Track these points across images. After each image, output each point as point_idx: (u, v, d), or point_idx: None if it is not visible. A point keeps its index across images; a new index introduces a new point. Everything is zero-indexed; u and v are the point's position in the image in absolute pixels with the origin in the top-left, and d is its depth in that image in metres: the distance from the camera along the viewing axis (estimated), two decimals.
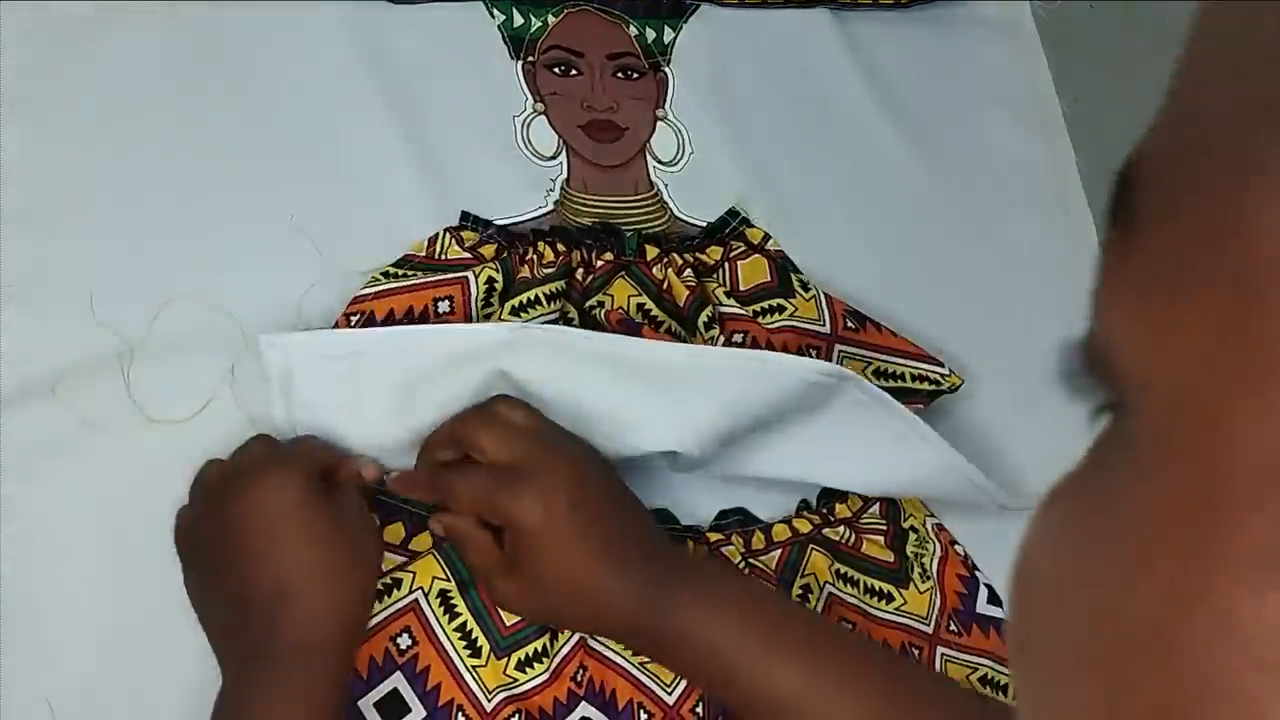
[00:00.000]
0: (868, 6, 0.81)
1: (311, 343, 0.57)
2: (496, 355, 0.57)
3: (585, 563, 0.52)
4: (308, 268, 0.62)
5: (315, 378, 0.56)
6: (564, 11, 0.74)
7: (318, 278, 0.62)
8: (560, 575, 0.52)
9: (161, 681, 0.54)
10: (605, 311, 0.65)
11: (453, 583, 0.57)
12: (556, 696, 0.57)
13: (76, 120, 0.62)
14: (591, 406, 0.58)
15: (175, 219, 0.61)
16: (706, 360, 0.58)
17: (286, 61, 0.66)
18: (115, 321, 0.58)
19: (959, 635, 0.65)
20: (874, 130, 0.78)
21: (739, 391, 0.58)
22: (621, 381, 0.58)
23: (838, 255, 0.72)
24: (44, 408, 0.56)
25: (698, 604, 0.51)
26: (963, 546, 0.67)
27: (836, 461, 0.62)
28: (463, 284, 0.62)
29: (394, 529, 0.58)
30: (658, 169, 0.72)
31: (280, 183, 0.64)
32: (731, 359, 0.59)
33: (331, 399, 0.57)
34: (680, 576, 0.53)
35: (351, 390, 0.56)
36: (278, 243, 0.62)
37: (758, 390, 0.58)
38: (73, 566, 0.54)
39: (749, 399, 0.58)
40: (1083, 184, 0.82)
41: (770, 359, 0.58)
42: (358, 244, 0.63)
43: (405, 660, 0.56)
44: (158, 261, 0.60)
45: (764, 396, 0.58)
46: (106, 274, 0.59)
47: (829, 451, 0.62)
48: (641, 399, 0.58)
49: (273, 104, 0.65)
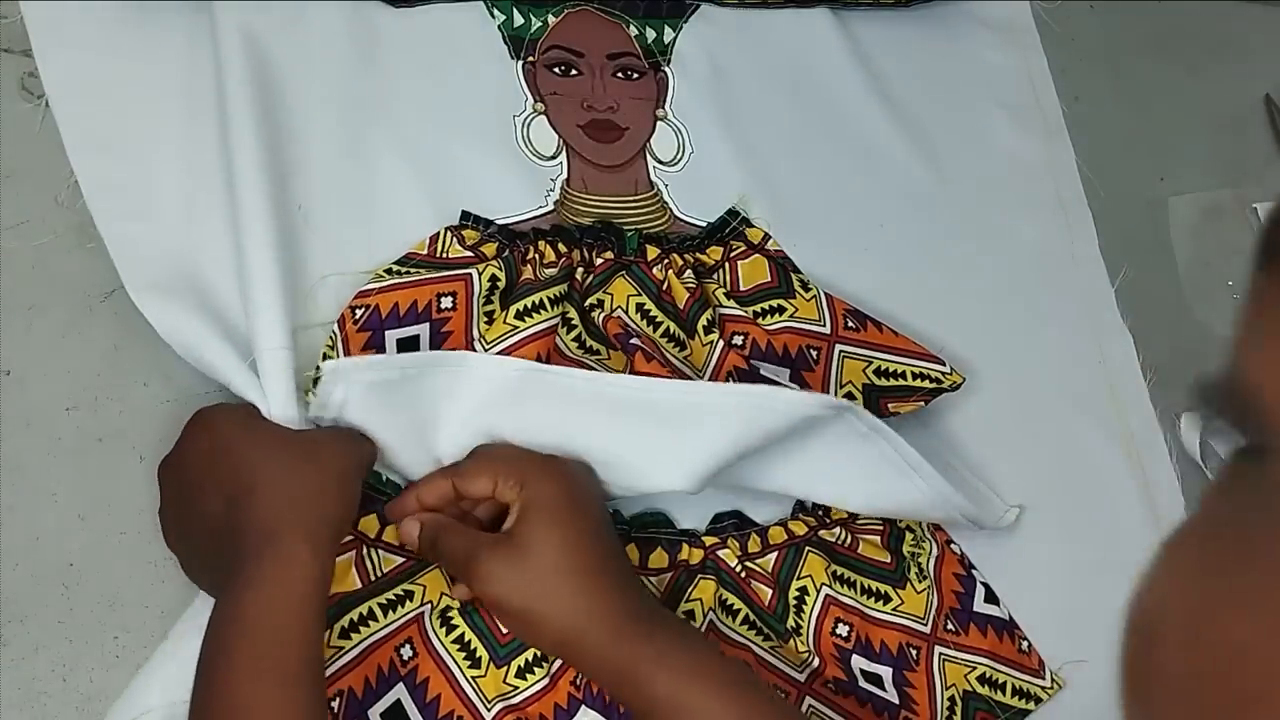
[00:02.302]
0: (868, 6, 0.81)
1: (366, 366, 0.56)
2: (501, 397, 0.57)
3: (579, 545, 0.54)
4: (312, 259, 0.62)
5: (364, 405, 0.56)
6: (564, 11, 0.74)
7: (322, 269, 0.62)
8: (557, 550, 0.53)
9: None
10: (603, 317, 0.65)
11: (455, 600, 0.58)
12: (557, 702, 0.57)
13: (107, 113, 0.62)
14: (587, 448, 0.58)
15: (176, 217, 0.62)
16: (705, 398, 0.58)
17: (285, 62, 0.66)
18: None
19: (957, 634, 0.65)
20: (874, 130, 0.78)
21: (738, 429, 0.58)
22: (620, 423, 0.58)
23: (838, 255, 0.73)
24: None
25: (666, 661, 0.52)
26: (959, 545, 0.67)
27: (832, 484, 0.62)
28: (466, 281, 0.62)
29: (395, 532, 0.58)
30: (658, 169, 0.72)
31: (279, 183, 0.63)
32: (730, 395, 0.58)
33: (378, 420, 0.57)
34: (656, 617, 0.55)
35: (392, 414, 0.57)
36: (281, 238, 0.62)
37: (757, 425, 0.58)
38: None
39: (747, 435, 0.58)
40: (1083, 184, 0.82)
41: (768, 398, 0.58)
42: (358, 245, 0.63)
43: (407, 671, 0.56)
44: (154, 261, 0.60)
45: (763, 430, 0.58)
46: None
47: (825, 472, 0.62)
48: (640, 440, 0.58)
49: (271, 105, 0.65)
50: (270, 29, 0.66)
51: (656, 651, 0.53)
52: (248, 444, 0.54)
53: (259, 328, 0.56)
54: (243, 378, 0.56)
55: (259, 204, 0.58)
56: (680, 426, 0.58)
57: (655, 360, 0.62)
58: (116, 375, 0.59)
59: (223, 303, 0.59)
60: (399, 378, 0.56)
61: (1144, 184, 0.84)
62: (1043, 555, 0.69)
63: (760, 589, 0.62)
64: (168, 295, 0.58)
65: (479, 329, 0.62)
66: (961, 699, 0.63)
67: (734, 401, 0.58)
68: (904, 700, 0.62)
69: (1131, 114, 0.86)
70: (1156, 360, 0.78)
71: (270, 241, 0.58)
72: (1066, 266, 0.79)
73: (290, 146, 0.64)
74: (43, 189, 0.61)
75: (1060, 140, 0.83)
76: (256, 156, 0.59)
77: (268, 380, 0.55)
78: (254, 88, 0.62)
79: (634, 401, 0.58)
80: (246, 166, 0.59)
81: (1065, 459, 0.73)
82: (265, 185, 0.59)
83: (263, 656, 0.48)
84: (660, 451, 0.58)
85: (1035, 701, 0.65)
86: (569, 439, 0.58)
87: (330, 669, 0.54)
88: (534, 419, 0.58)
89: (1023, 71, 0.84)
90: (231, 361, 0.56)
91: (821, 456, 0.61)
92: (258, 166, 0.59)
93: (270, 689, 0.47)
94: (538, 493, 0.55)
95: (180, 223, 0.61)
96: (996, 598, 0.66)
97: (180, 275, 0.60)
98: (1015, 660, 0.65)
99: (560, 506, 0.54)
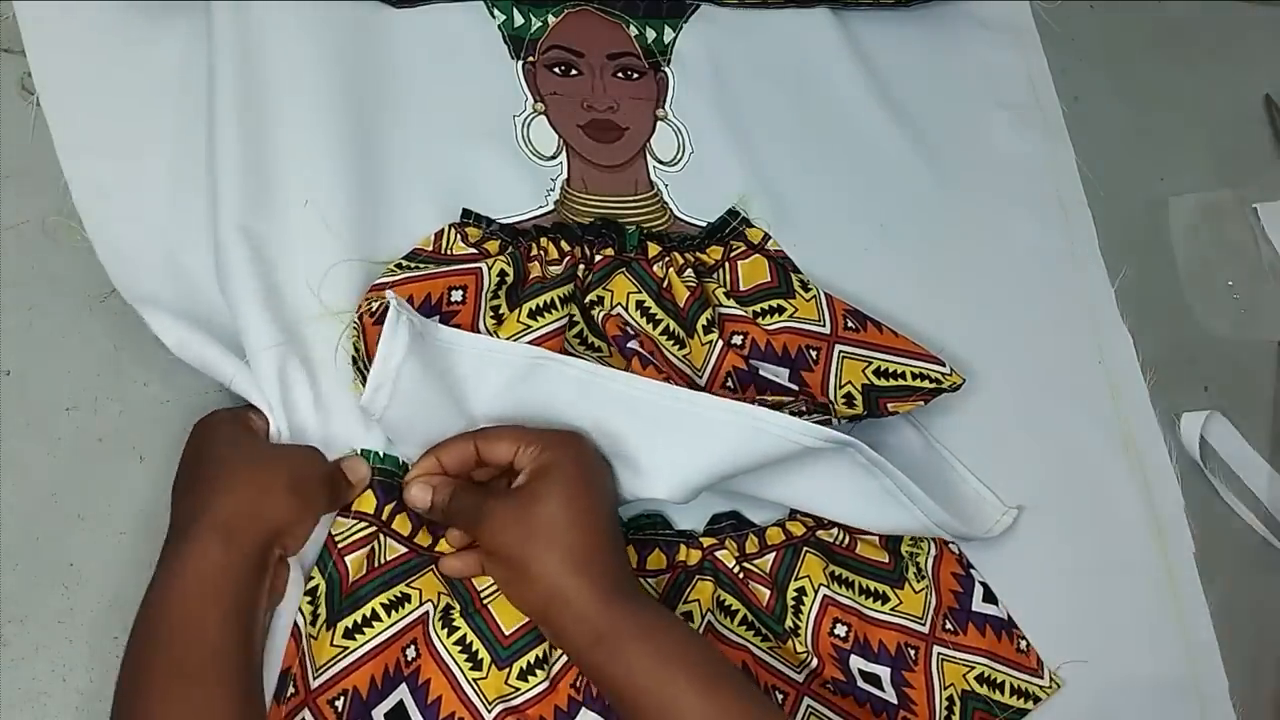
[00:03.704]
0: (868, 6, 0.81)
1: (423, 326, 0.57)
2: (514, 382, 0.58)
3: (584, 508, 0.54)
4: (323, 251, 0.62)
5: (417, 364, 0.56)
6: (564, 11, 0.74)
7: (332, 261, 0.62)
8: (562, 507, 0.54)
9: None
10: (603, 316, 0.65)
11: (455, 600, 0.58)
12: (557, 704, 0.57)
13: (99, 115, 0.63)
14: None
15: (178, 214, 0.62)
16: (703, 409, 0.58)
17: (286, 62, 0.66)
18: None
19: (955, 634, 0.65)
20: (874, 130, 0.78)
21: (734, 446, 0.58)
22: (618, 420, 0.58)
23: (837, 255, 0.73)
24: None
25: (650, 639, 0.52)
26: (957, 545, 0.67)
27: (830, 503, 0.63)
28: (476, 275, 0.62)
29: (403, 520, 0.58)
30: (658, 169, 0.72)
31: (280, 183, 0.64)
32: (728, 413, 0.58)
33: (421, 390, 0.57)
34: (645, 598, 0.55)
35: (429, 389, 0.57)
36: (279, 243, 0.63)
37: (753, 445, 0.58)
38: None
39: (741, 454, 0.58)
40: (1083, 184, 0.82)
41: (768, 421, 0.58)
42: (358, 244, 0.63)
43: (410, 672, 0.56)
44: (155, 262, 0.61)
45: (760, 452, 0.58)
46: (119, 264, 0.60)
47: (825, 493, 0.62)
48: (635, 440, 0.58)
49: (272, 104, 0.65)
50: (270, 28, 0.66)
51: (641, 628, 0.52)
52: (213, 443, 0.55)
53: (245, 330, 0.57)
54: (244, 377, 0.57)
55: (235, 202, 0.59)
56: (673, 433, 0.58)
57: (652, 366, 0.62)
58: (116, 375, 0.59)
59: (213, 303, 0.59)
60: (437, 350, 0.57)
61: (1144, 184, 0.84)
62: (1042, 555, 0.69)
63: (758, 590, 0.62)
64: (161, 298, 0.59)
65: (485, 323, 0.62)
66: (960, 698, 0.63)
67: (731, 419, 0.58)
68: (902, 700, 0.62)
69: (1131, 114, 0.86)
70: (1156, 360, 0.78)
71: (243, 241, 0.59)
72: (1066, 266, 0.79)
73: (289, 146, 0.64)
74: (42, 189, 0.61)
75: (1060, 140, 0.83)
76: (239, 155, 0.61)
77: (261, 381, 0.56)
78: (250, 86, 0.62)
79: (629, 401, 0.58)
80: (228, 168, 0.60)
81: (1065, 459, 0.73)
82: (238, 181, 0.60)
83: (157, 643, 0.47)
84: (654, 455, 0.58)
85: (1034, 701, 0.65)
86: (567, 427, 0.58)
87: (336, 668, 0.55)
88: (537, 407, 0.58)
89: (1023, 71, 0.84)
90: (229, 363, 0.57)
91: (821, 479, 0.61)
92: (240, 168, 0.60)
93: (162, 678, 0.47)
94: (554, 456, 0.55)
95: (169, 224, 0.61)
96: (995, 597, 0.66)
97: (171, 277, 0.60)
98: (1014, 660, 0.65)
99: (573, 473, 0.55)
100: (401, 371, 0.55)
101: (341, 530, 0.57)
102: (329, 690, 0.54)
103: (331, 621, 0.55)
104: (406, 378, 0.55)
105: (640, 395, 0.58)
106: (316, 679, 0.54)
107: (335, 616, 0.55)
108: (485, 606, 0.58)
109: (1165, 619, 0.70)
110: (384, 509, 0.57)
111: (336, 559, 0.56)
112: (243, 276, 0.58)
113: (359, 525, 0.57)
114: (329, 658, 0.55)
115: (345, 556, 0.56)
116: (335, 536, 0.56)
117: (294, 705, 0.53)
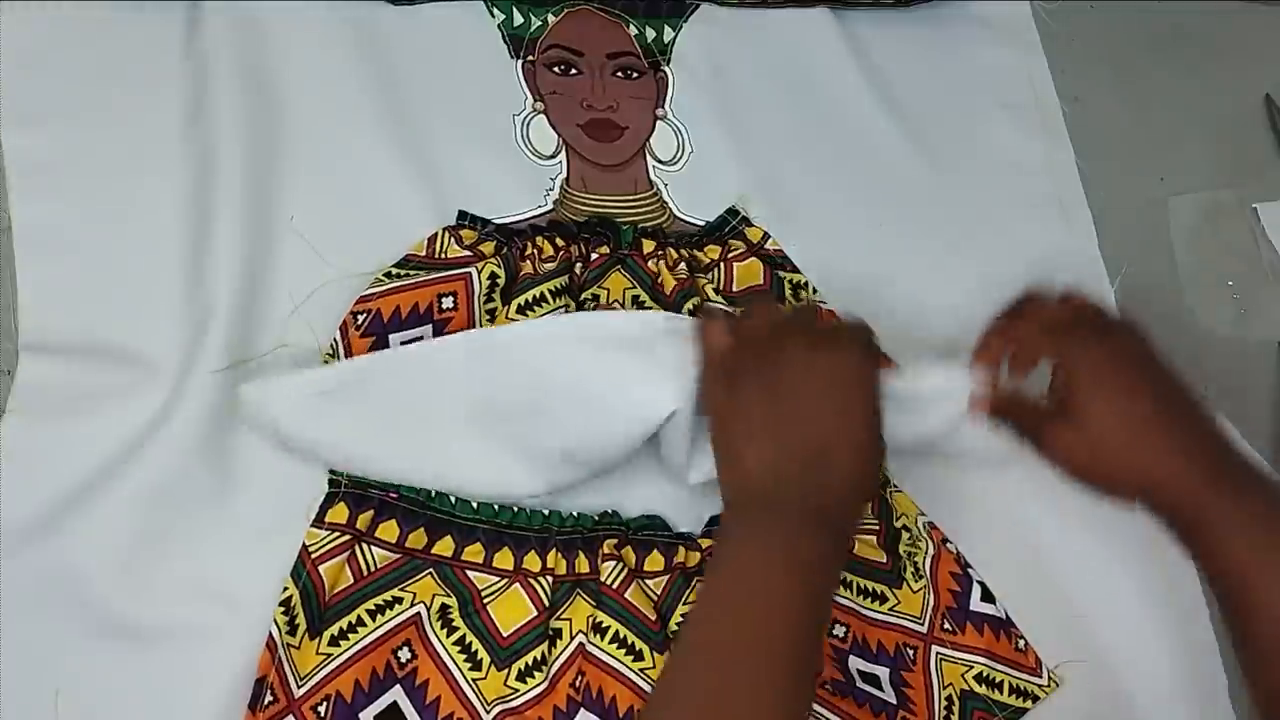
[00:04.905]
0: (868, 6, 0.81)
1: (294, 389, 0.58)
2: (473, 371, 0.58)
3: (1145, 408, 0.55)
4: (310, 269, 0.62)
5: (299, 417, 0.58)
6: (564, 11, 0.74)
7: (319, 280, 0.62)
8: (1122, 416, 0.54)
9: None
10: (598, 308, 0.65)
11: (453, 599, 0.58)
12: (556, 705, 0.57)
13: (81, 120, 0.63)
14: (588, 388, 0.58)
15: (175, 219, 0.62)
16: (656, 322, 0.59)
17: (286, 61, 0.66)
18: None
19: (953, 634, 0.65)
20: (874, 130, 0.78)
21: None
22: (606, 355, 0.58)
23: (838, 254, 0.73)
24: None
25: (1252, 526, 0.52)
26: (955, 545, 0.67)
27: None
28: (465, 280, 0.62)
29: (388, 526, 0.58)
30: (657, 168, 0.72)
31: (280, 183, 0.64)
32: (675, 322, 0.59)
33: (317, 432, 0.58)
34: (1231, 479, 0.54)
35: (337, 419, 0.58)
36: (279, 244, 0.63)
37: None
38: None
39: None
40: (1083, 184, 0.82)
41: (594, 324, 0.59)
42: (358, 244, 0.63)
43: (405, 674, 0.56)
44: (156, 263, 0.61)
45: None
46: (109, 280, 0.60)
47: None
48: (628, 366, 0.58)
49: (273, 104, 0.66)
50: (270, 27, 0.66)
51: (1245, 517, 0.53)
52: (837, 406, 0.53)
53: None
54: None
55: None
56: (649, 351, 0.58)
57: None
58: None
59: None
60: (335, 387, 0.57)
61: (1144, 184, 0.84)
62: (1042, 555, 0.69)
63: None
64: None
65: (481, 327, 0.62)
66: (959, 698, 0.64)
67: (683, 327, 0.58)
68: (901, 700, 0.62)
69: (1131, 114, 0.86)
70: None
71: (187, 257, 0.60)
72: (1066, 266, 0.79)
73: (288, 146, 0.64)
74: None
75: (1060, 140, 0.83)
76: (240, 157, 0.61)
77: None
78: (249, 85, 0.62)
79: (601, 331, 0.58)
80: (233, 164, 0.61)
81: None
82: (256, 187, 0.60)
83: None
84: (645, 369, 0.58)
85: (1033, 700, 0.65)
86: (545, 394, 0.58)
87: (320, 674, 0.55)
88: (505, 380, 0.58)
89: (1023, 71, 0.84)
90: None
91: None
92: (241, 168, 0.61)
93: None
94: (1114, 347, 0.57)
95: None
96: (993, 596, 0.66)
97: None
98: (1012, 659, 0.65)
99: (1132, 356, 0.57)
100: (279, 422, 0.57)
101: (315, 540, 0.57)
102: (313, 697, 0.54)
103: (316, 630, 0.55)
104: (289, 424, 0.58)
105: (605, 326, 0.59)
106: (301, 687, 0.54)
107: (320, 625, 0.56)
108: (484, 607, 0.58)
109: (1165, 619, 0.70)
110: (357, 519, 0.58)
111: (310, 568, 0.56)
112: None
113: (332, 535, 0.57)
114: (314, 665, 0.55)
115: (319, 566, 0.56)
116: (309, 546, 0.57)
117: (275, 713, 0.54)
